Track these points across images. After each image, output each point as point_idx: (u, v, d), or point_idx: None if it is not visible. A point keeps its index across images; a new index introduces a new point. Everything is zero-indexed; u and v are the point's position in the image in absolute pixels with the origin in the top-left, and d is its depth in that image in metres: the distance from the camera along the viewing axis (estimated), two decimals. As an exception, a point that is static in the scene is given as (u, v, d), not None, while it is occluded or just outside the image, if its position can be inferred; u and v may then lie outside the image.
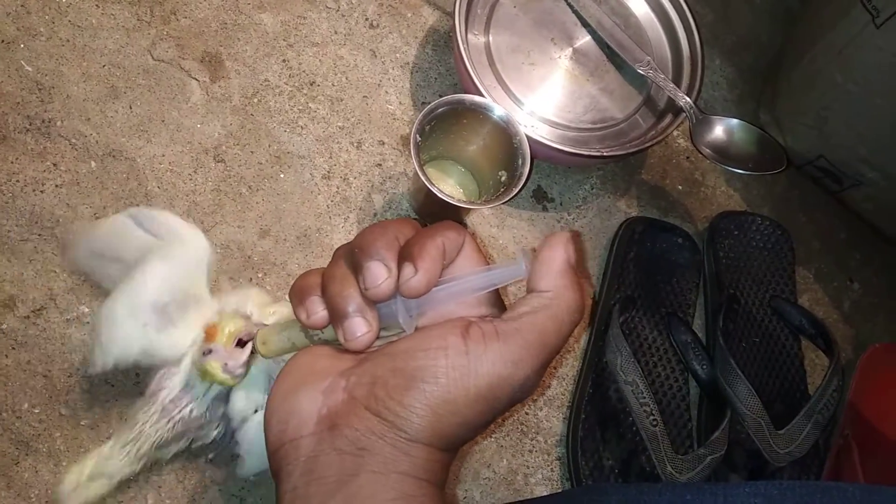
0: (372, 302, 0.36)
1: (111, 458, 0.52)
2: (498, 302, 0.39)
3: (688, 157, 0.81)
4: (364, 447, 0.33)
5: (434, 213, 0.68)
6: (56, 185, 0.63)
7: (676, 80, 0.73)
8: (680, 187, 0.79)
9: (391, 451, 0.33)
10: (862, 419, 0.69)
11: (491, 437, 0.65)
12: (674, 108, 0.71)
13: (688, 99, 0.69)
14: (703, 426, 0.68)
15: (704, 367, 0.67)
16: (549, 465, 0.66)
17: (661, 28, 0.76)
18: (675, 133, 0.81)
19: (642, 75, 0.71)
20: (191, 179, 0.66)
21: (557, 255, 0.36)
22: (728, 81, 0.87)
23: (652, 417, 0.61)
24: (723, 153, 0.68)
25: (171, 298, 0.50)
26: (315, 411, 0.36)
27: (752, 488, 0.37)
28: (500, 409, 0.35)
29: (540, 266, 0.36)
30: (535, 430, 0.67)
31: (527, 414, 0.67)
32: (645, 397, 0.62)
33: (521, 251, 0.38)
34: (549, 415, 0.68)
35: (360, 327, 0.36)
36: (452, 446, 0.36)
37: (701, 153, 0.68)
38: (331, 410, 0.35)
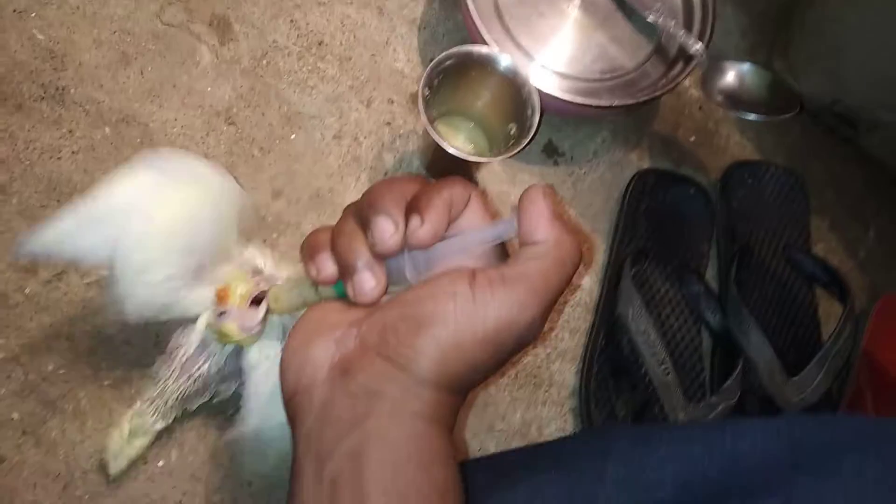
0: (380, 257, 0.37)
1: (143, 414, 0.54)
2: (504, 257, 0.40)
3: (700, 108, 0.80)
4: (376, 390, 0.35)
5: (445, 169, 0.68)
6: (72, 152, 0.65)
7: (687, 28, 0.72)
8: (692, 138, 0.79)
9: (402, 394, 0.34)
10: (876, 367, 0.69)
11: (504, 390, 0.66)
12: (685, 56, 0.71)
13: (699, 45, 0.68)
14: (715, 376, 0.69)
15: (717, 317, 0.67)
16: (562, 417, 0.67)
17: (672, -25, 0.75)
18: (687, 83, 0.80)
19: (652, 24, 0.70)
20: (203, 142, 0.67)
21: (544, 207, 0.36)
22: (740, 30, 0.85)
23: (664, 367, 0.62)
24: (735, 99, 0.67)
25: (201, 252, 0.50)
26: (328, 359, 0.37)
27: (761, 422, 0.38)
28: (507, 351, 0.36)
29: (529, 219, 0.37)
30: (547, 384, 0.68)
31: (539, 367, 0.68)
32: (657, 347, 0.62)
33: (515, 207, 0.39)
34: (562, 368, 0.68)
35: (368, 281, 0.37)
36: (461, 389, 0.37)
37: (712, 100, 0.67)
38: (343, 358, 0.36)
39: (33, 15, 0.67)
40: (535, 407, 0.67)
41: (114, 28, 0.69)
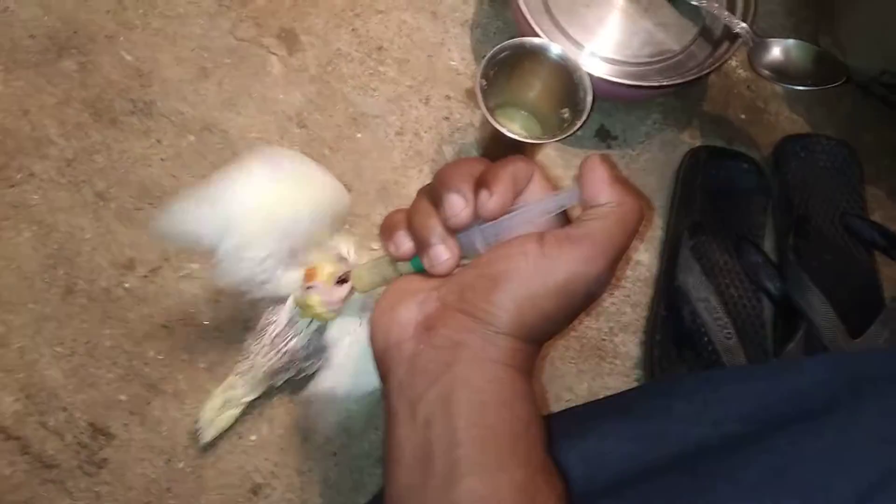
0: (452, 231, 0.41)
1: (235, 387, 0.59)
2: (566, 225, 0.42)
3: (748, 87, 0.82)
4: (458, 341, 0.38)
5: (502, 156, 0.71)
6: (161, 159, 0.71)
7: (731, 9, 0.74)
8: (742, 116, 0.81)
9: (482, 343, 0.38)
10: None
11: (570, 363, 0.69)
12: (730, 36, 0.73)
13: (743, 24, 0.70)
14: (777, 344, 0.70)
15: (777, 285, 0.69)
16: (627, 386, 0.70)
17: (713, -41, 0.78)
18: (735, 63, 0.82)
19: (696, 7, 0.73)
20: (278, 145, 0.73)
21: (603, 172, 0.39)
22: (784, 9, 0.87)
23: (727, 331, 0.64)
24: (782, 74, 0.69)
25: (298, 236, 0.55)
26: (413, 319, 0.41)
27: (822, 357, 0.40)
28: (577, 304, 0.39)
29: (591, 184, 0.39)
30: (612, 355, 0.70)
31: (603, 340, 0.70)
32: (719, 312, 0.64)
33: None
34: (626, 340, 0.71)
35: (443, 254, 0.40)
36: (536, 338, 0.40)
37: (760, 75, 0.69)
38: (427, 317, 0.40)
39: (121, 39, 0.74)
40: (601, 378, 0.69)
41: (192, 45, 0.75)
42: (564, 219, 0.43)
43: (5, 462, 0.59)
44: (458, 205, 0.39)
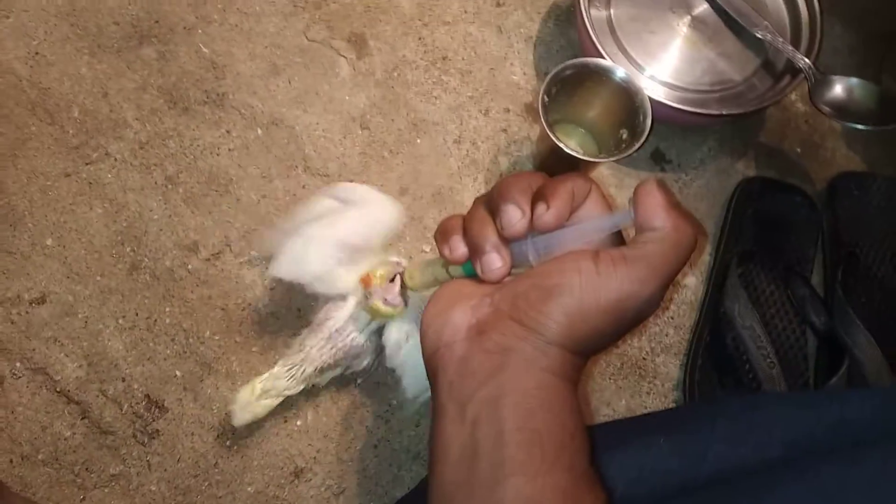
0: (506, 241, 0.42)
1: (279, 377, 0.61)
2: (621, 245, 0.43)
3: (806, 121, 0.82)
4: (509, 347, 0.39)
5: (558, 172, 0.73)
6: (229, 150, 0.74)
7: (795, 44, 0.75)
8: (798, 150, 0.81)
9: (532, 351, 0.39)
10: None
11: (610, 379, 0.70)
12: (792, 70, 0.74)
13: (806, 60, 0.71)
14: (819, 379, 0.70)
15: (822, 319, 0.69)
16: (665, 407, 0.70)
17: (780, -6, 0.79)
18: (794, 98, 0.83)
19: (760, 40, 0.74)
20: (341, 144, 0.75)
21: (660, 196, 0.40)
22: (848, 48, 0.87)
23: (769, 360, 0.64)
24: (842, 110, 0.69)
25: (354, 242, 0.58)
26: (466, 322, 0.42)
27: (869, 391, 0.41)
28: (626, 322, 0.40)
29: (646, 209, 0.40)
30: (652, 375, 0.71)
31: (644, 360, 0.71)
32: (762, 341, 0.65)
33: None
34: (667, 361, 0.72)
35: (496, 262, 0.42)
36: (584, 351, 0.41)
37: (820, 111, 0.70)
38: (480, 321, 0.42)
39: (200, 31, 0.78)
40: (640, 396, 0.70)
41: (266, 43, 0.78)
42: (616, 238, 0.44)
43: (66, 424, 0.62)
44: (515, 216, 0.41)
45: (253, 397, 0.61)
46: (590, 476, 0.38)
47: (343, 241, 0.58)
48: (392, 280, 0.58)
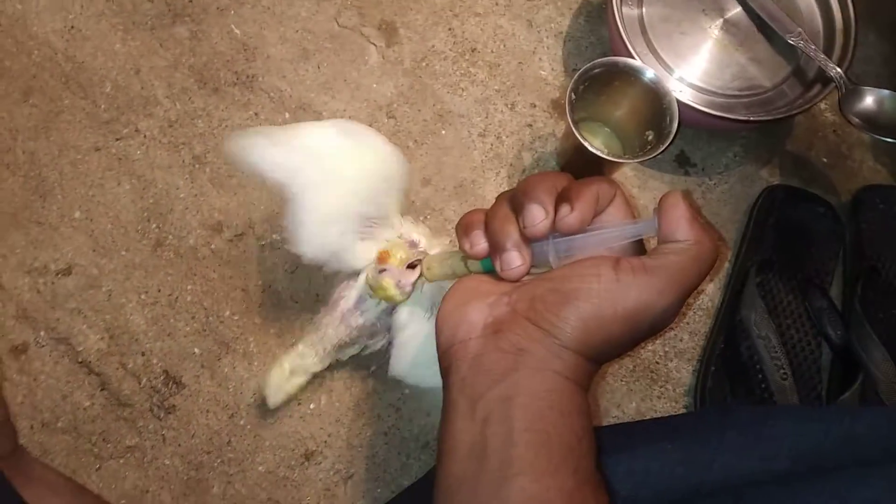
0: (528, 240, 0.43)
1: (304, 356, 0.62)
2: (641, 253, 0.44)
3: (835, 131, 0.81)
4: (524, 348, 0.40)
5: (581, 170, 0.73)
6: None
7: (827, 52, 0.74)
8: (825, 159, 0.80)
9: (546, 354, 0.40)
10: None
11: (622, 380, 0.70)
12: (823, 79, 0.73)
13: (838, 69, 0.70)
14: (832, 392, 0.70)
15: (839, 332, 0.69)
16: (675, 412, 0.71)
17: (814, 0, 0.78)
18: (823, 106, 0.82)
19: (792, 46, 0.73)
20: (366, 131, 0.76)
21: (685, 209, 0.40)
22: (882, 57, 0.86)
23: (782, 371, 0.64)
24: (871, 122, 0.69)
25: (370, 213, 0.58)
26: (482, 319, 0.43)
27: (880, 409, 0.41)
28: (642, 331, 0.41)
29: (670, 220, 0.40)
30: (664, 379, 0.71)
31: (657, 363, 0.72)
32: (777, 352, 0.65)
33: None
34: (679, 366, 0.72)
35: (515, 260, 0.43)
36: (597, 358, 0.41)
37: (849, 122, 0.69)
38: (496, 319, 0.42)
39: (232, 13, 0.78)
40: (650, 400, 0.70)
41: (297, 27, 0.79)
42: (637, 246, 0.44)
43: (85, 395, 0.64)
44: (538, 216, 0.41)
45: (283, 378, 0.63)
46: (594, 479, 0.39)
47: (363, 213, 0.58)
48: (411, 267, 0.58)
